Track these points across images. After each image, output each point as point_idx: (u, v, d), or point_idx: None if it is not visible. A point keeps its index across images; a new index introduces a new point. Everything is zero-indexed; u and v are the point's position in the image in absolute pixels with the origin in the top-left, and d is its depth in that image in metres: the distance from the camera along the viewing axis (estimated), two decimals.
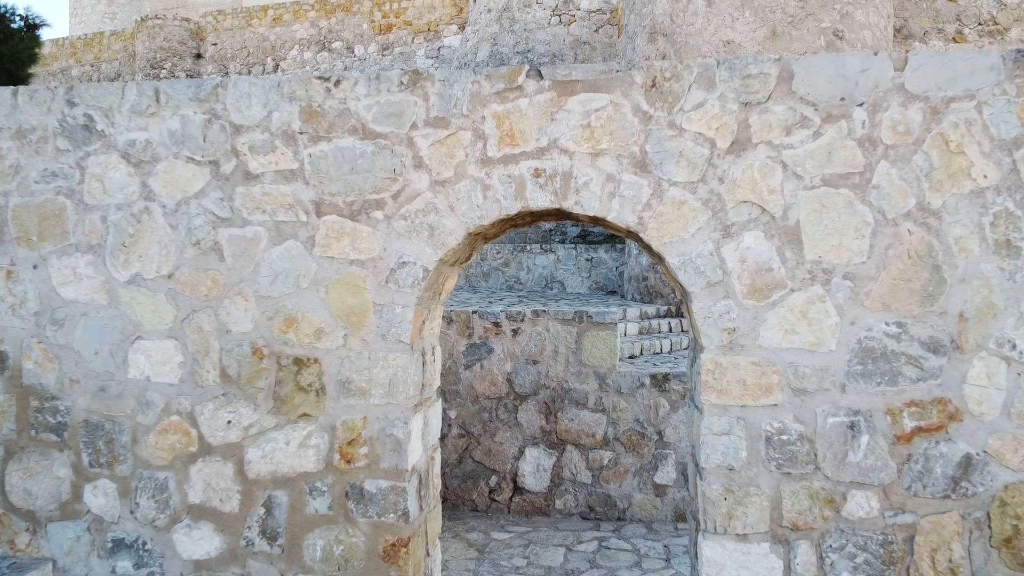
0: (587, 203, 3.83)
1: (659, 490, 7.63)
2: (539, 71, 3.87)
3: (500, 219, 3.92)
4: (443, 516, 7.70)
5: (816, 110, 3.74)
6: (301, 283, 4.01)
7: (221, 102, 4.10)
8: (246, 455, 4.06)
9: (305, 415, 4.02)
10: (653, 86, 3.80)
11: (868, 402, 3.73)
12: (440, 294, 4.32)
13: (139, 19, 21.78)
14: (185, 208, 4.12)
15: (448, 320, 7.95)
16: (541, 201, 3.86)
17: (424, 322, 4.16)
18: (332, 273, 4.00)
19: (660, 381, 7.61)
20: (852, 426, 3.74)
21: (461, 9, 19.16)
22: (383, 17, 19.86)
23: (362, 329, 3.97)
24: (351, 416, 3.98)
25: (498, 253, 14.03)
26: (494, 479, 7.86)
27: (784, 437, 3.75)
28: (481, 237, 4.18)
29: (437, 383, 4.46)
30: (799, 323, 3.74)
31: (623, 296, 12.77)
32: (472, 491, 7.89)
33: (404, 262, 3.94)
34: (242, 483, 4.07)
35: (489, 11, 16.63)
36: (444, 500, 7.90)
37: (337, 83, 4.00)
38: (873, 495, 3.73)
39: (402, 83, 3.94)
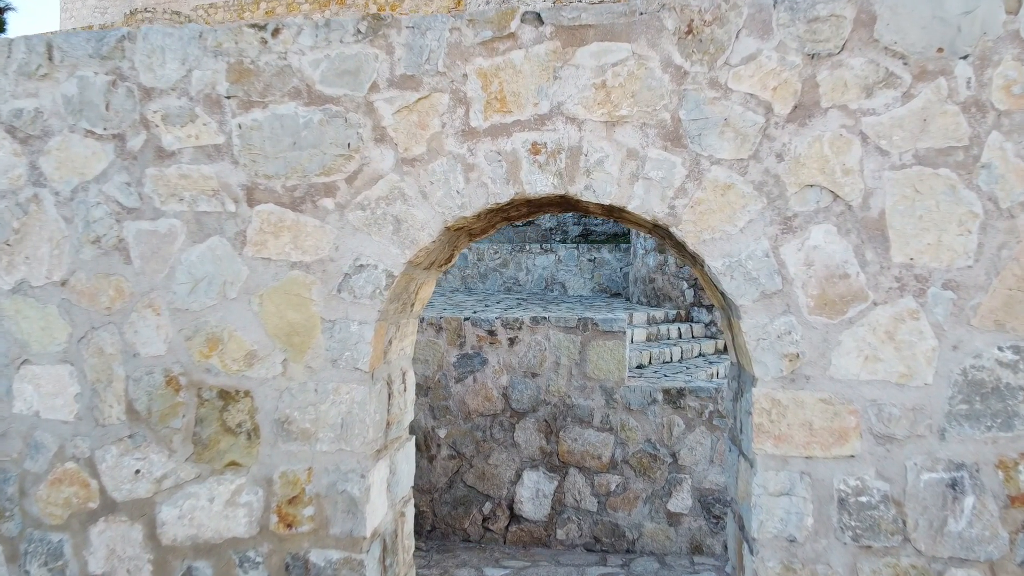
0: (601, 188, 2.83)
1: (673, 519, 6.62)
2: (538, 15, 2.87)
3: (487, 209, 2.91)
4: (430, 548, 6.70)
5: (906, 64, 2.74)
6: (228, 292, 3.01)
7: (129, 59, 3.09)
8: (159, 515, 3.06)
9: (233, 464, 3.02)
10: (689, 32, 2.80)
11: (975, 452, 2.73)
12: (412, 305, 3.32)
13: (128, 12, 20.78)
14: (83, 196, 3.12)
15: (437, 328, 6.94)
16: (541, 185, 2.86)
17: (391, 341, 3.16)
18: (268, 279, 2.99)
19: (674, 397, 6.60)
20: (953, 484, 2.74)
21: (459, 1, 18.14)
22: (379, 9, 18.84)
23: (307, 353, 2.97)
24: (292, 466, 2.98)
25: (496, 253, 13.03)
26: (488, 506, 6.85)
27: (863, 499, 2.75)
28: (464, 233, 3.18)
29: (409, 417, 3.45)
30: (884, 347, 2.74)
31: (628, 299, 11.77)
32: (463, 519, 6.89)
33: (362, 265, 2.94)
34: (154, 551, 3.06)
35: (488, 3, 15.63)
36: (432, 529, 6.90)
37: (275, 32, 2.99)
38: (979, 575, 2.74)
39: (359, 31, 2.94)
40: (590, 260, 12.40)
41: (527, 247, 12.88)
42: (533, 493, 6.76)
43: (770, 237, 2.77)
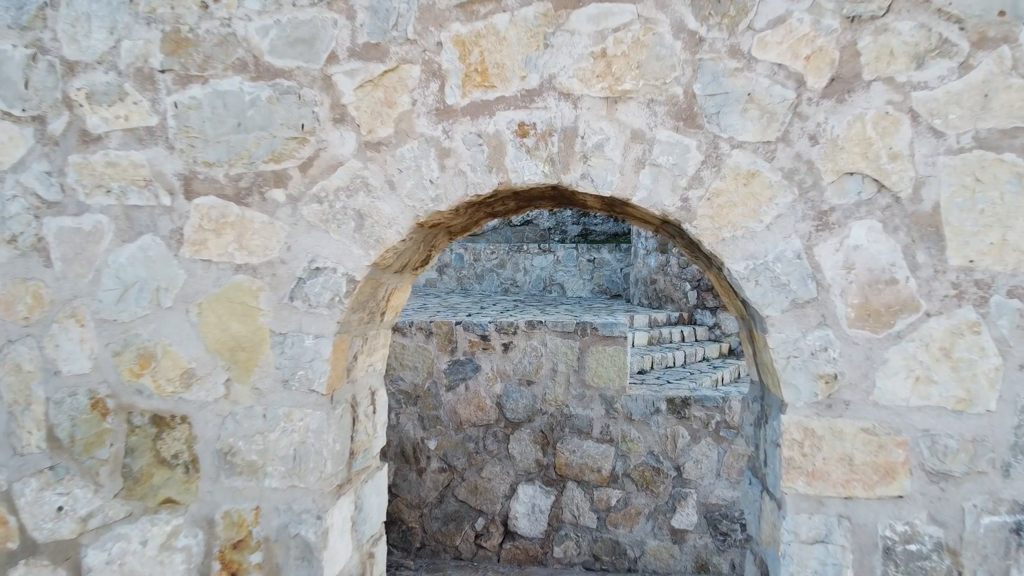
0: (600, 177, 2.35)
1: (677, 536, 6.15)
2: None
3: (467, 202, 2.43)
4: (420, 567, 6.23)
5: (963, 29, 2.26)
6: (162, 300, 2.54)
7: (51, 29, 2.61)
8: (85, 559, 2.58)
9: (169, 502, 2.54)
10: None
11: None
12: (382, 314, 2.84)
13: None
14: None
15: (427, 332, 6.47)
16: (529, 174, 2.38)
17: (355, 357, 2.68)
18: (209, 285, 2.52)
19: (679, 406, 6.12)
20: (1019, 529, 2.26)
21: None
22: None
23: (253, 372, 2.49)
24: (237, 505, 2.50)
25: (492, 253, 12.54)
26: (481, 522, 6.38)
27: (913, 547, 2.27)
28: (442, 231, 2.71)
29: (380, 443, 2.97)
30: (938, 367, 2.26)
31: (628, 300, 11.28)
32: (455, 536, 6.41)
33: (318, 268, 2.46)
34: None
35: None
36: (421, 547, 6.42)
37: None
38: None
39: None
40: (589, 260, 11.91)
41: (525, 247, 12.39)
42: (529, 508, 6.29)
43: (802, 235, 2.29)
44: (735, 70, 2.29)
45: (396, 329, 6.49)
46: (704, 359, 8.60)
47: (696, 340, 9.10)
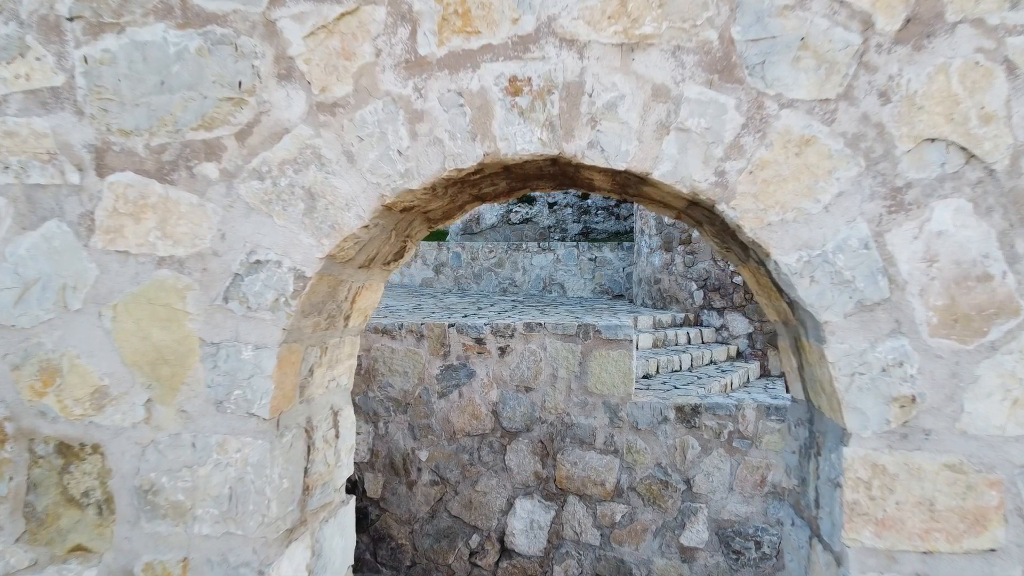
0: (613, 144, 1.84)
1: (686, 554, 5.64)
2: None
3: (445, 179, 1.92)
4: None
5: None
6: (70, 301, 2.02)
7: None
8: None
9: (80, 549, 2.03)
10: None
11: None
12: (346, 319, 2.32)
13: None
14: None
15: (418, 335, 5.96)
16: (523, 142, 1.87)
17: (312, 370, 2.17)
18: (125, 283, 2.00)
19: (688, 415, 5.61)
20: None
21: None
22: None
23: (179, 390, 1.97)
24: (161, 556, 1.98)
25: (491, 252, 12.02)
26: (476, 539, 5.87)
27: None
28: (418, 216, 2.19)
29: (345, 474, 2.45)
30: None
31: (631, 301, 10.77)
32: (447, 554, 5.90)
33: (259, 261, 1.94)
34: None
35: None
36: (412, 565, 5.91)
37: None
38: None
39: None
40: (591, 259, 11.39)
41: (524, 246, 11.86)
42: (527, 524, 5.77)
43: (871, 219, 1.77)
44: (785, 8, 1.78)
45: (384, 332, 5.98)
46: (711, 362, 8.10)
47: (703, 342, 8.59)
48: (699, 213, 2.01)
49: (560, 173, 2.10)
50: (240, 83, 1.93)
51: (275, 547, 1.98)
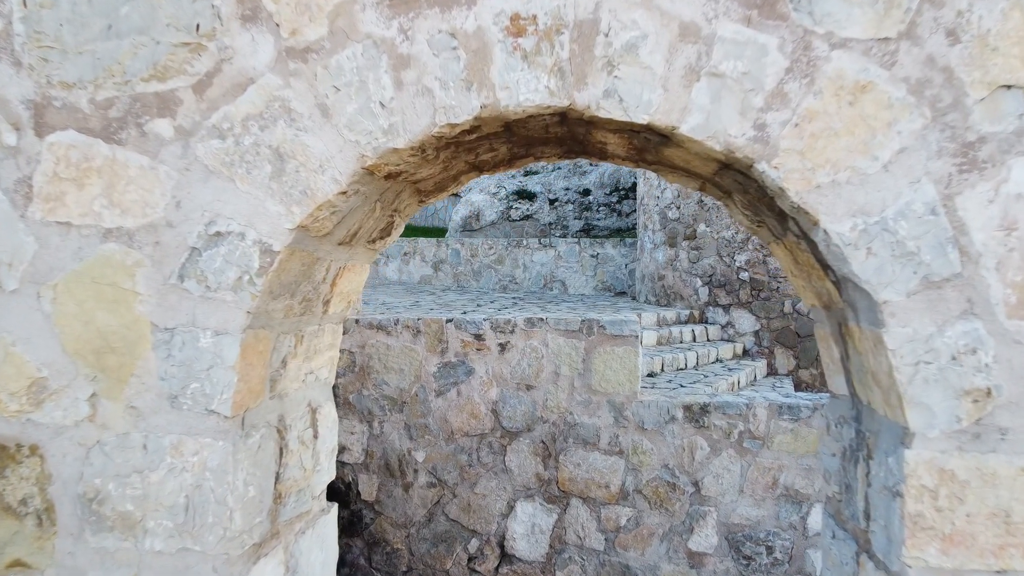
0: (633, 93, 1.55)
1: (695, 559, 5.35)
2: None
3: (436, 136, 1.63)
4: None
5: None
6: (5, 280, 1.74)
7: None
8: None
9: (19, 565, 1.74)
10: None
11: None
12: (325, 303, 2.04)
13: None
14: None
15: (415, 331, 5.67)
16: (528, 91, 1.58)
17: (285, 362, 1.89)
18: (67, 259, 1.72)
19: (696, 414, 5.33)
20: None
21: None
22: None
23: (128, 383, 1.69)
24: (108, 574, 1.70)
25: (490, 249, 11.74)
26: (475, 543, 5.58)
27: None
28: (406, 185, 1.91)
29: (326, 479, 2.17)
30: None
31: (634, 298, 10.49)
32: (445, 559, 5.61)
33: (219, 232, 1.66)
34: None
35: None
36: (408, 571, 5.62)
37: None
38: None
39: None
40: (592, 256, 11.11)
41: (524, 242, 11.59)
42: (528, 528, 5.49)
43: (938, 179, 1.49)
44: None
45: (380, 327, 5.69)
46: (717, 360, 7.81)
47: (708, 340, 8.31)
48: (730, 180, 1.73)
49: (569, 136, 1.81)
50: (198, 26, 1.65)
51: (240, 564, 1.70)
